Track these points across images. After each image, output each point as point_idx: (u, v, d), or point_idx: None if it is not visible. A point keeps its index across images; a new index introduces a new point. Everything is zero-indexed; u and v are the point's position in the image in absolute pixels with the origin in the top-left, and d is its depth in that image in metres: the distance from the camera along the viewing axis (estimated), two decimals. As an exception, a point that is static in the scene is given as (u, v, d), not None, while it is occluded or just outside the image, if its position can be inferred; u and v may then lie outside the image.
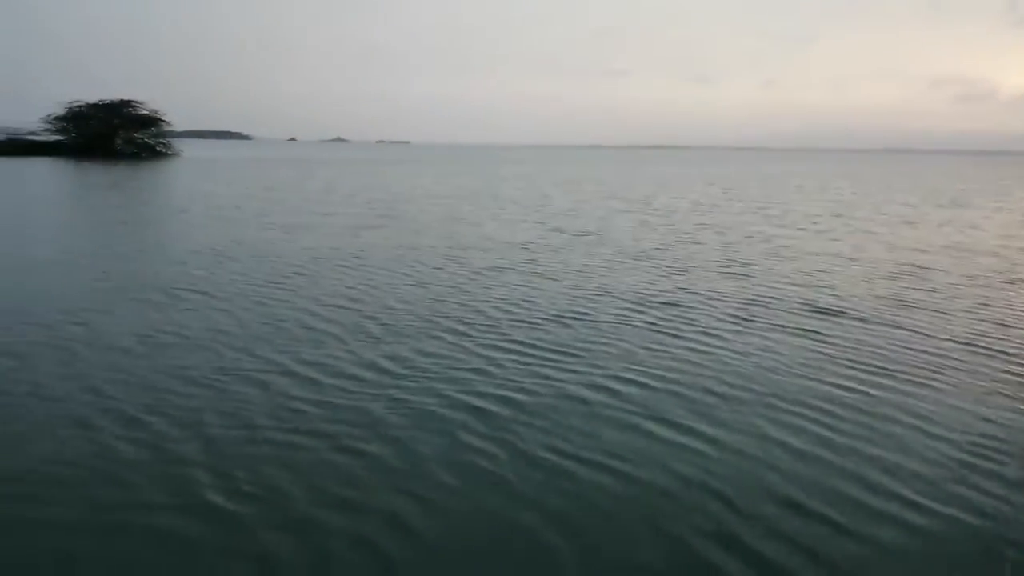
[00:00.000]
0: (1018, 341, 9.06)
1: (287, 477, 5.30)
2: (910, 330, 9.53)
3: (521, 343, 8.78)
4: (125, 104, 74.62)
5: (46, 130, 73.28)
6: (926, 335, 9.27)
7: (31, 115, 77.41)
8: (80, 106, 73.32)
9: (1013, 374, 7.77)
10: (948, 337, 9.19)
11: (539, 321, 9.87)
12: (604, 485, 5.23)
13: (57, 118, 72.85)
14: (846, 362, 8.08)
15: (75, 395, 6.85)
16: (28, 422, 6.22)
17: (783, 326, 9.67)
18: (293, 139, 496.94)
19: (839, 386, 7.30)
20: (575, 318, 10.05)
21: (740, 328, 9.55)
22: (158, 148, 76.12)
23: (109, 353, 8.14)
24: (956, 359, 8.25)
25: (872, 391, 7.16)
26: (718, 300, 11.24)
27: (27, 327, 9.12)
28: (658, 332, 9.35)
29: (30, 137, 73.92)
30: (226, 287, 11.81)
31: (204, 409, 6.54)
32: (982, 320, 10.14)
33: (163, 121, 76.70)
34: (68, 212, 24.83)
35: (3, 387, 7.01)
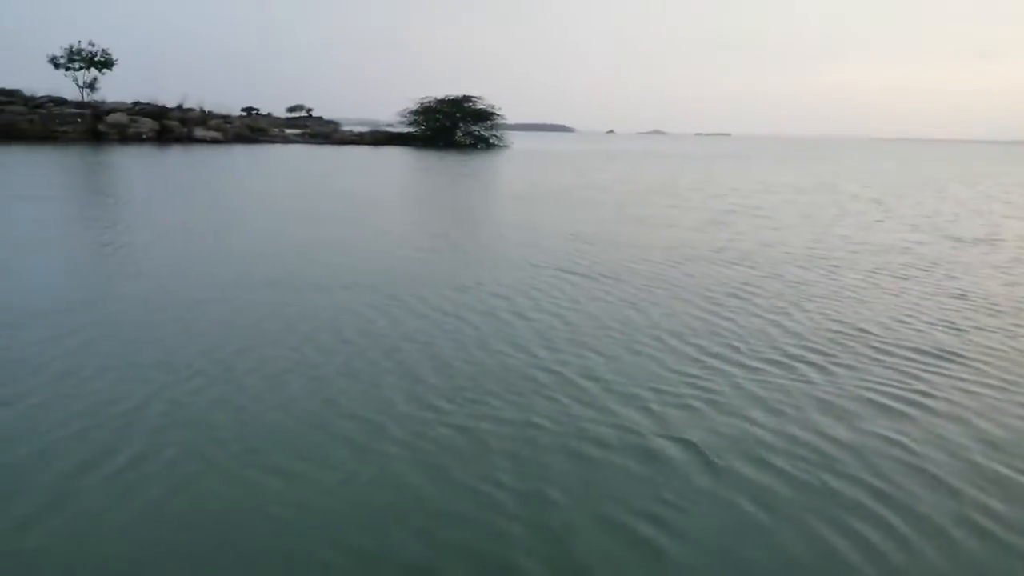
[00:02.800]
0: None
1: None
2: None
3: (936, 354, 7.93)
4: (466, 99, 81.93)
5: (400, 122, 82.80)
6: None
7: (388, 110, 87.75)
8: (429, 102, 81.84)
9: None
10: None
11: (946, 333, 8.85)
12: None
13: (411, 112, 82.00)
14: None
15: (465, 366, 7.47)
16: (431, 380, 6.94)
17: None
18: (611, 131, 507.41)
19: None
20: (994, 333, 8.83)
21: None
22: (491, 140, 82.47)
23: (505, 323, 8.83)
24: None
25: None
26: None
27: (416, 299, 10.19)
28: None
29: (387, 129, 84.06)
30: (615, 272, 12.26)
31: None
32: None
33: (497, 115, 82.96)
34: (440, 192, 27.64)
35: (399, 347, 7.89)
